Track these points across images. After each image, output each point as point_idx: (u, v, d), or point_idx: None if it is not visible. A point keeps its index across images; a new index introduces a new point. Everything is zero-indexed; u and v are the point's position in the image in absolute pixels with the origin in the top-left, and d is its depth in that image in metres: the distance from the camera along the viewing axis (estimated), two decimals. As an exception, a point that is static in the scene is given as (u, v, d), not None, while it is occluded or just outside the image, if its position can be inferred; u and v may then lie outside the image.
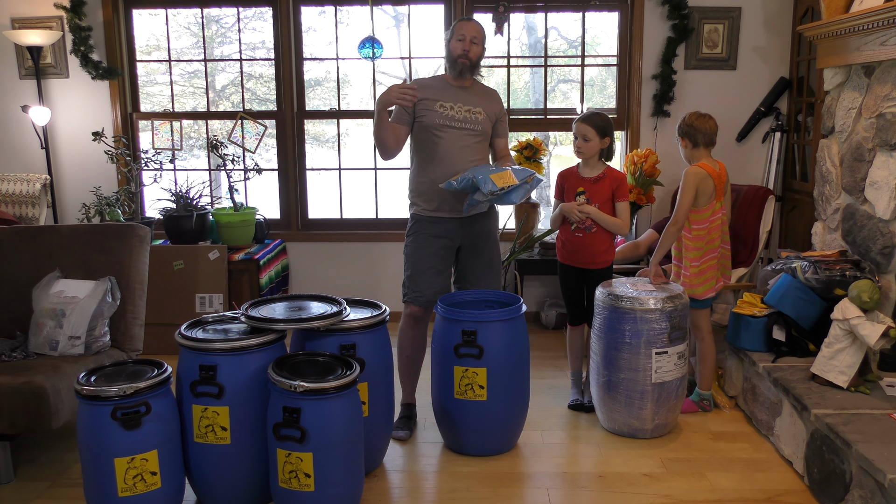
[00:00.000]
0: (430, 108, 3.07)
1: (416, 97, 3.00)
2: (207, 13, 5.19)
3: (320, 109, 5.30)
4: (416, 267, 3.14)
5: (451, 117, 3.07)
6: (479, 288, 3.21)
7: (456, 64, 3.10)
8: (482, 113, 3.13)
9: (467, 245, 3.20)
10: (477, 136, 3.12)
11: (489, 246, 3.25)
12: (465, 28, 3.09)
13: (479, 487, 2.74)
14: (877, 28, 2.97)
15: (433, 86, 3.12)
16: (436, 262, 3.14)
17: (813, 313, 3.17)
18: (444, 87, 3.12)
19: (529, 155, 4.51)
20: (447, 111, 3.07)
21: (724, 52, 4.54)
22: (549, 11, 4.76)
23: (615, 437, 3.13)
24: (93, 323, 2.96)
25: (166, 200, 4.51)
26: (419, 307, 3.15)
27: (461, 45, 3.08)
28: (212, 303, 4.24)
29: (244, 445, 2.49)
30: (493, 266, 3.26)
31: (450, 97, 3.10)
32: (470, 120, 3.10)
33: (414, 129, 3.13)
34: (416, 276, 3.14)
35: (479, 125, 3.12)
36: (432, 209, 3.12)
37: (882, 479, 2.20)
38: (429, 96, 3.08)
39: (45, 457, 3.00)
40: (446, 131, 3.07)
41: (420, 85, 3.09)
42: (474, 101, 3.13)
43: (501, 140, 3.28)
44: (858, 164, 3.30)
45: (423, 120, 3.08)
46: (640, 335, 2.97)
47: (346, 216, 4.99)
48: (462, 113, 3.09)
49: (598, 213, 3.20)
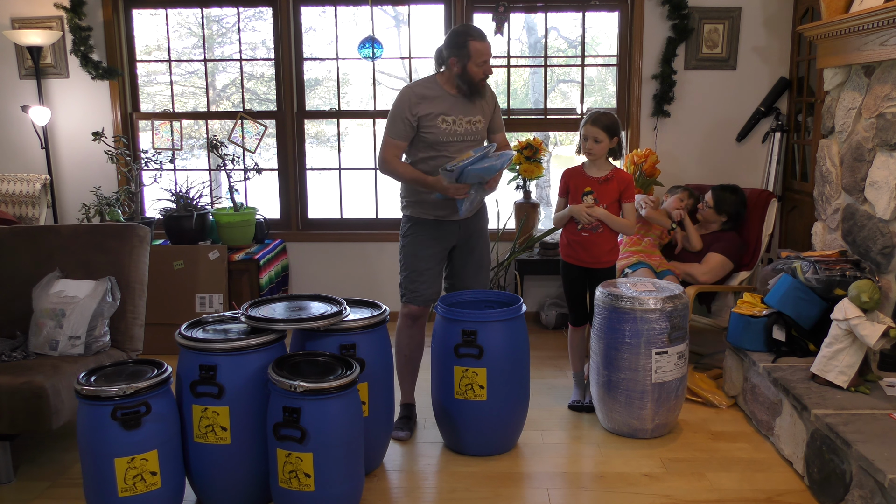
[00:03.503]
0: (433, 123, 3.01)
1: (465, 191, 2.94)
2: (207, 13, 5.19)
3: (320, 109, 5.29)
4: (415, 268, 3.14)
5: (453, 132, 3.04)
6: (471, 286, 3.22)
7: (476, 87, 3.03)
8: (481, 121, 3.12)
9: (461, 244, 3.21)
10: (477, 143, 3.13)
11: (481, 245, 3.27)
12: (484, 51, 2.99)
13: (479, 487, 2.74)
14: (877, 28, 2.97)
15: (433, 96, 3.03)
16: (433, 263, 3.15)
17: (813, 313, 3.17)
18: (443, 98, 3.04)
19: (529, 155, 4.51)
20: (450, 126, 3.03)
21: (724, 52, 4.54)
22: (549, 11, 4.76)
23: (615, 437, 3.13)
24: (93, 323, 2.96)
25: (166, 200, 4.51)
26: (417, 306, 3.15)
27: (483, 70, 3.01)
28: (212, 303, 4.24)
29: (244, 445, 2.49)
30: (483, 264, 3.28)
31: (452, 110, 3.04)
32: (471, 132, 3.09)
33: (415, 141, 3.08)
34: (415, 276, 3.14)
35: (479, 134, 3.13)
36: (431, 214, 3.12)
37: (882, 479, 2.20)
38: (431, 111, 3.01)
39: (45, 457, 3.00)
40: (450, 146, 3.05)
41: (418, 95, 3.02)
42: (475, 110, 3.10)
43: (498, 136, 3.25)
44: (858, 164, 3.30)
45: (427, 137, 3.03)
46: (640, 335, 2.97)
47: (346, 216, 4.99)
48: (463, 126, 3.06)
49: (608, 215, 3.22)
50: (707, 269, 3.80)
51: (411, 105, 3.00)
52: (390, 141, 3.04)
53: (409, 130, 3.03)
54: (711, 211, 3.93)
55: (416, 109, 3.00)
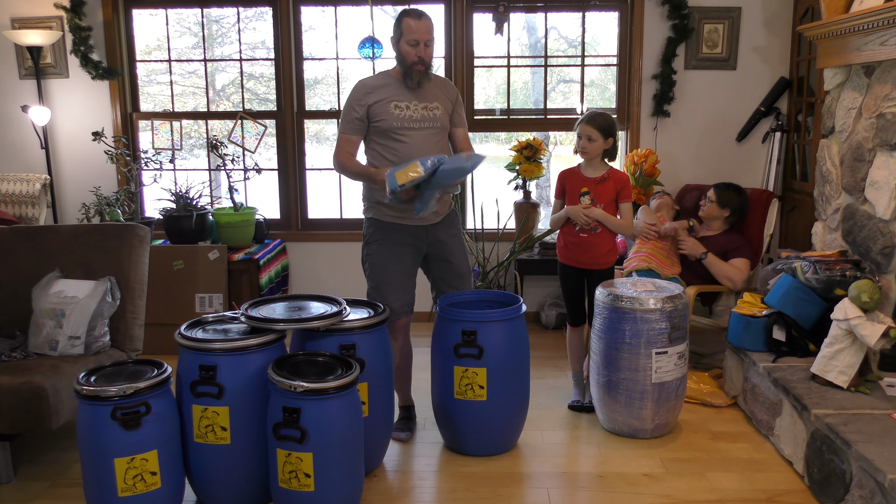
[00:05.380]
0: (385, 109, 2.89)
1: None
2: (207, 13, 5.19)
3: (320, 109, 5.29)
4: (382, 277, 2.99)
5: (408, 118, 2.91)
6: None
7: (411, 73, 2.88)
8: (439, 108, 2.97)
9: (435, 253, 3.08)
10: (438, 132, 2.98)
11: (457, 251, 3.11)
12: (416, 30, 2.83)
13: (479, 487, 2.74)
14: (877, 28, 2.97)
15: (383, 85, 2.93)
16: (402, 271, 3.00)
17: (813, 313, 3.17)
18: (394, 86, 2.93)
19: (529, 155, 4.51)
20: (403, 111, 2.91)
21: (724, 52, 4.54)
22: (549, 11, 4.76)
23: (615, 437, 3.13)
24: (93, 323, 2.96)
25: (166, 200, 4.51)
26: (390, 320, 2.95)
27: (415, 52, 2.85)
28: (212, 303, 4.24)
29: (244, 445, 2.49)
30: (463, 272, 3.13)
31: (403, 96, 2.91)
32: (428, 118, 2.95)
33: (370, 133, 2.97)
34: (382, 287, 2.99)
35: (438, 121, 2.97)
36: (397, 215, 2.99)
37: (882, 479, 2.20)
38: (381, 97, 2.89)
39: (45, 457, 3.00)
40: (407, 133, 2.91)
41: (368, 87, 2.93)
42: (429, 96, 2.95)
43: (459, 130, 3.09)
44: (858, 164, 3.29)
45: (379, 124, 2.91)
46: (640, 335, 2.97)
47: (346, 216, 4.99)
48: (419, 111, 2.93)
49: (605, 215, 3.21)
50: (743, 275, 3.70)
51: (360, 97, 2.92)
52: (341, 136, 2.98)
53: (358, 124, 2.93)
54: (714, 205, 3.86)
55: (364, 100, 2.91)
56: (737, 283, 3.67)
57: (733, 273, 3.68)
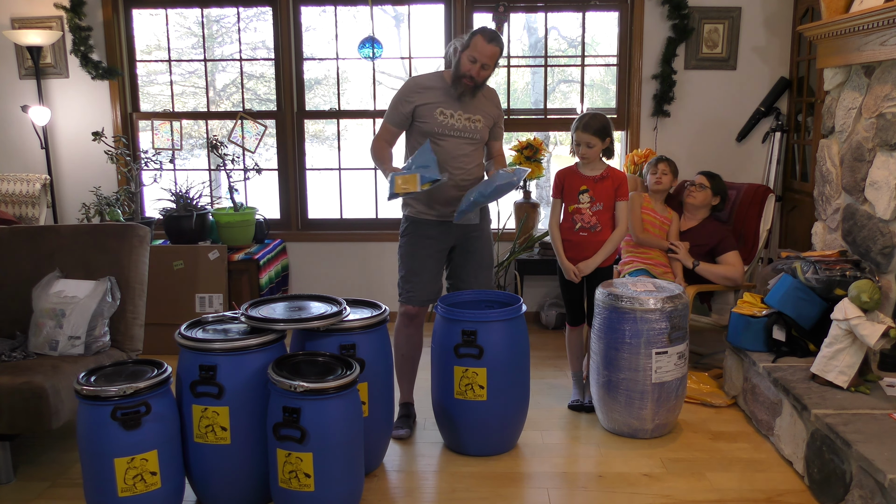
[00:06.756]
0: (431, 113, 3.03)
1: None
2: (207, 13, 5.19)
3: (320, 109, 5.29)
4: (412, 268, 3.15)
5: (450, 126, 3.04)
6: (472, 285, 3.21)
7: (459, 83, 2.99)
8: (481, 121, 3.11)
9: (460, 244, 3.21)
10: (475, 143, 3.12)
11: (481, 244, 3.24)
12: (481, 51, 2.94)
13: (479, 487, 2.74)
14: (877, 28, 2.97)
15: (434, 88, 3.06)
16: (431, 263, 3.15)
17: (813, 313, 3.17)
18: (444, 90, 3.05)
19: (529, 155, 4.51)
20: (447, 119, 3.04)
21: (724, 52, 4.54)
22: (549, 11, 4.76)
23: (615, 437, 3.13)
24: (93, 323, 2.96)
25: (166, 200, 4.51)
26: (413, 306, 3.16)
27: (473, 67, 2.96)
28: (212, 303, 4.24)
29: (244, 445, 2.49)
30: (484, 264, 3.26)
31: (450, 104, 3.04)
32: (469, 129, 3.08)
33: (412, 130, 3.12)
34: (412, 276, 3.14)
35: (478, 133, 3.11)
36: (427, 212, 3.12)
37: (882, 479, 2.20)
38: (430, 100, 3.04)
39: (45, 457, 3.00)
40: (446, 139, 3.05)
41: (420, 85, 3.07)
42: (474, 108, 3.09)
43: (496, 143, 3.25)
44: (858, 164, 3.29)
45: (422, 126, 3.05)
46: (640, 335, 2.97)
47: (345, 216, 4.99)
48: (462, 122, 3.06)
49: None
50: (739, 270, 3.69)
51: (410, 94, 3.07)
52: (384, 124, 3.14)
53: (402, 118, 3.08)
54: (708, 192, 3.77)
55: (413, 98, 3.05)
56: (736, 281, 3.67)
57: (730, 272, 3.67)
